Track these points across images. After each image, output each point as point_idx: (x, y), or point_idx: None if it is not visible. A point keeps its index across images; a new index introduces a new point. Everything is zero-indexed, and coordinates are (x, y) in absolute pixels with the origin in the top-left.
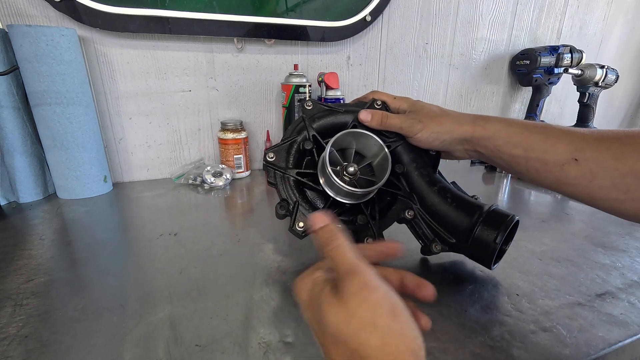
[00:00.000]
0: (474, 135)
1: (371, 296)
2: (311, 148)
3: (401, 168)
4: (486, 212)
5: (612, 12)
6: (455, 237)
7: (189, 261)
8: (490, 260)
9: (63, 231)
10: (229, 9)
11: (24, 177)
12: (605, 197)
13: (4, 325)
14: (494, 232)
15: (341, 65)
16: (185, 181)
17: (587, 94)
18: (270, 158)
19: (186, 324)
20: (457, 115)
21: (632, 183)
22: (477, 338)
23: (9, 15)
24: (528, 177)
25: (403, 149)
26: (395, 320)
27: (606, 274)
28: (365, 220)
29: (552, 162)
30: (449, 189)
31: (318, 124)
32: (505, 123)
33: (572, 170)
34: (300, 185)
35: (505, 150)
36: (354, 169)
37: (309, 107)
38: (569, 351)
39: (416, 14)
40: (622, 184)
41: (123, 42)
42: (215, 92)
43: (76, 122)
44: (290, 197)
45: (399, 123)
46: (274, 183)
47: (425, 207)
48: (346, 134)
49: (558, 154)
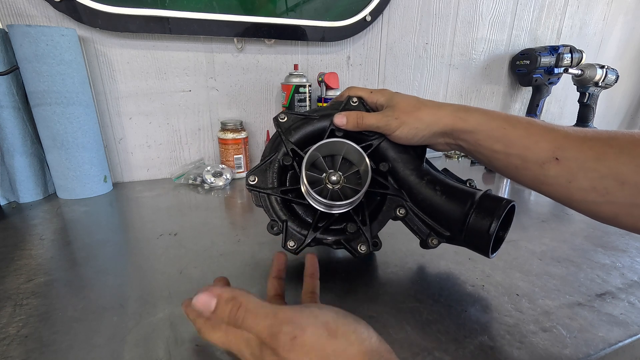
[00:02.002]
0: (455, 128)
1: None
2: (291, 163)
3: (386, 166)
4: (478, 200)
5: (612, 12)
6: (449, 230)
7: (189, 261)
8: (487, 249)
9: (63, 231)
10: (229, 9)
11: (24, 177)
12: (583, 199)
13: (4, 325)
14: (487, 221)
15: (341, 65)
16: (185, 181)
17: (587, 94)
18: (252, 181)
19: (186, 324)
20: (436, 108)
21: (611, 186)
22: (477, 338)
23: (9, 15)
24: (507, 174)
25: (387, 145)
26: (336, 340)
27: (606, 274)
28: (355, 228)
29: (533, 159)
30: (438, 180)
31: (296, 136)
32: (487, 116)
33: (552, 169)
34: (287, 202)
35: (486, 144)
36: (337, 178)
37: (282, 120)
38: (569, 351)
39: (416, 14)
40: (600, 186)
41: (123, 42)
42: (215, 92)
43: (76, 122)
44: (279, 217)
45: (375, 122)
46: (261, 205)
47: (416, 202)
48: (320, 147)
49: (539, 151)
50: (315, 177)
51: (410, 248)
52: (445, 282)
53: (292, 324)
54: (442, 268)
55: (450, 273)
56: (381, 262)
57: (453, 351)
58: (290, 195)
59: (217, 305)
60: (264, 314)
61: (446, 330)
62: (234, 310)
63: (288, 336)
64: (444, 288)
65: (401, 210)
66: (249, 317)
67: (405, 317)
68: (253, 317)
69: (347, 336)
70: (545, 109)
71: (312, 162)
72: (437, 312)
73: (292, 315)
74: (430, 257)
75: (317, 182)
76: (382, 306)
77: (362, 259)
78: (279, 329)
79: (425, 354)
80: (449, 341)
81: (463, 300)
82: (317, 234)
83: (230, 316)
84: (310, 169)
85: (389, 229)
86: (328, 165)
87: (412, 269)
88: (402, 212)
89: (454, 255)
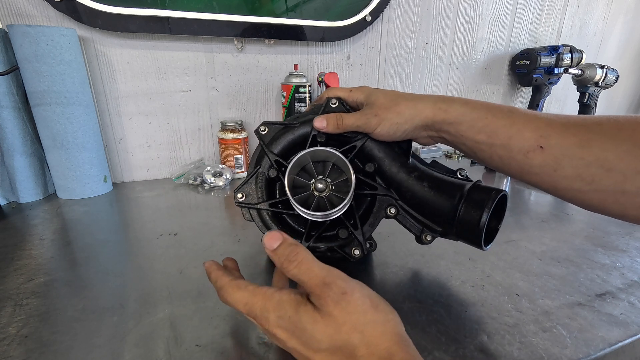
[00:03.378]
0: (435, 120)
1: (352, 300)
2: (277, 175)
3: (372, 167)
4: (467, 191)
5: (612, 12)
6: (441, 225)
7: (189, 261)
8: (480, 242)
9: (63, 231)
10: (229, 9)
11: (24, 177)
12: (568, 188)
13: (4, 325)
14: (477, 213)
15: (341, 65)
16: (185, 181)
17: (587, 94)
18: (240, 198)
19: (186, 324)
20: (416, 100)
21: (597, 173)
22: (477, 338)
23: (9, 15)
24: (492, 165)
25: (372, 144)
26: (377, 312)
27: (606, 274)
28: (347, 233)
29: (517, 149)
30: (426, 174)
31: (279, 146)
32: (469, 106)
33: (537, 158)
34: (278, 214)
35: (469, 135)
36: (323, 185)
37: (263, 132)
38: (569, 351)
39: (416, 14)
40: (586, 173)
41: (123, 42)
42: (215, 92)
43: (76, 122)
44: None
45: (354, 122)
46: (252, 220)
47: (406, 199)
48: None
49: (523, 140)
50: (303, 182)
51: (410, 248)
52: (445, 282)
53: (345, 281)
54: (442, 268)
55: (450, 273)
56: (381, 262)
57: (453, 351)
58: (280, 206)
59: (280, 245)
60: (320, 266)
61: (446, 330)
62: (293, 254)
63: (339, 289)
64: (444, 288)
65: (392, 210)
66: (305, 264)
67: (405, 317)
68: (309, 264)
69: (386, 314)
70: (545, 109)
71: (303, 167)
72: (437, 312)
73: (344, 276)
74: (430, 257)
75: (306, 186)
76: None
77: (361, 260)
78: (333, 280)
79: (426, 354)
80: (449, 341)
81: (463, 300)
82: (309, 243)
83: (289, 258)
84: (300, 173)
85: (388, 229)
86: (319, 171)
87: (412, 269)
88: (393, 211)
89: (454, 255)
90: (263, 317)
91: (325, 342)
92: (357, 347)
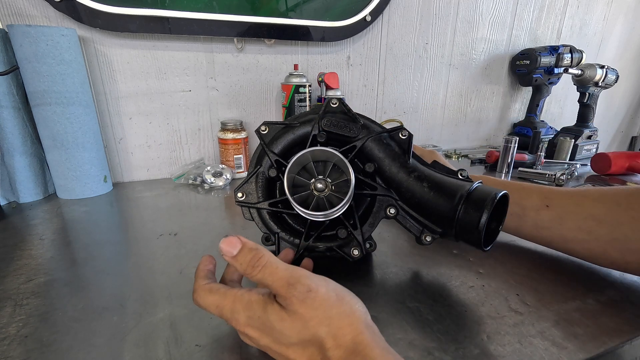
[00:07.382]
0: None
1: (318, 296)
2: (277, 174)
3: (372, 167)
4: (467, 193)
5: (612, 12)
6: (440, 226)
7: (189, 261)
8: (479, 243)
9: (63, 231)
10: (228, 9)
11: (24, 177)
12: (574, 238)
13: (4, 325)
14: (477, 214)
15: (341, 65)
16: (185, 181)
17: (587, 94)
18: (240, 197)
19: (186, 324)
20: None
21: (593, 225)
22: (477, 338)
23: (9, 15)
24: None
25: (372, 144)
26: (342, 304)
27: (606, 273)
28: (346, 233)
29: (529, 207)
30: (426, 175)
31: (279, 146)
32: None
33: (546, 214)
34: (278, 213)
35: None
36: (322, 185)
37: (264, 132)
38: (569, 351)
39: (416, 14)
40: (584, 225)
41: (123, 42)
42: (215, 92)
43: (76, 122)
44: (271, 230)
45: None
46: (252, 219)
47: (405, 200)
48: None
49: (533, 201)
50: (304, 181)
51: (410, 248)
52: (445, 282)
53: (309, 279)
54: (442, 268)
55: (450, 273)
56: (381, 262)
57: (453, 351)
58: (280, 205)
59: (240, 251)
60: (283, 267)
61: (446, 330)
62: (255, 259)
63: (304, 288)
64: (444, 288)
65: (391, 210)
66: (268, 267)
67: (405, 317)
68: (273, 267)
69: (351, 305)
70: (545, 109)
71: (304, 167)
72: (437, 312)
73: (308, 274)
74: (430, 257)
75: (305, 186)
76: (382, 306)
77: (361, 260)
78: (297, 280)
79: (426, 354)
80: (449, 341)
81: (463, 300)
82: (309, 242)
83: (251, 263)
84: (301, 173)
85: (388, 229)
86: (319, 170)
87: (412, 269)
88: (393, 211)
89: (454, 255)
90: (234, 318)
91: (294, 337)
92: (324, 339)
